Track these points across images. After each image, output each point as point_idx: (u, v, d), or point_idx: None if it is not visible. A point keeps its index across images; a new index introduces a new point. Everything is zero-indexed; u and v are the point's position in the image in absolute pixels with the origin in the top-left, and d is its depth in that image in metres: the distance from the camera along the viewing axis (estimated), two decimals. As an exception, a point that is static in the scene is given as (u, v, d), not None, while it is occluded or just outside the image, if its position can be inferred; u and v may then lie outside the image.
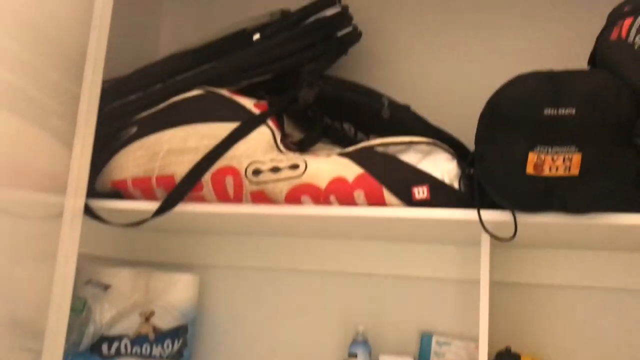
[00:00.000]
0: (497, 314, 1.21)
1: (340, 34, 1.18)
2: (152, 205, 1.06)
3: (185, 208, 1.07)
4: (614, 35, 0.90)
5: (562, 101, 0.86)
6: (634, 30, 0.88)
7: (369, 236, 1.21)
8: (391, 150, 1.03)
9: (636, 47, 0.87)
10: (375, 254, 1.27)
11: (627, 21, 0.89)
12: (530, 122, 0.88)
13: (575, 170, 0.86)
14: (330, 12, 1.17)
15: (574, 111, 0.86)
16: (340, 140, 1.15)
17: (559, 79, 0.88)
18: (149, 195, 1.10)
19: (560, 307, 1.19)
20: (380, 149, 1.03)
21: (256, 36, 1.19)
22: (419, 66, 1.28)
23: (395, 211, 0.99)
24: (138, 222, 1.07)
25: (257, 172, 1.04)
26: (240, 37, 1.21)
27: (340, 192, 1.00)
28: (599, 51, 0.93)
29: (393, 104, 1.08)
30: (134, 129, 1.14)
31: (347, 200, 1.00)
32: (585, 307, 1.17)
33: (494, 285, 1.11)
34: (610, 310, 1.16)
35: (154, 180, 1.09)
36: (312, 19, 1.18)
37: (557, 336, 1.18)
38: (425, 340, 1.24)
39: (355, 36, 1.20)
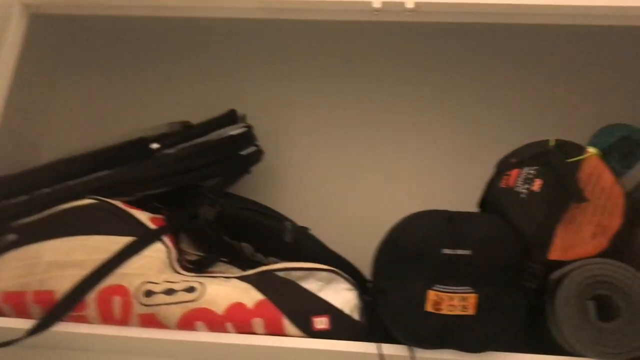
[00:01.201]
0: None
1: (244, 152, 1.18)
2: (26, 323, 0.96)
3: (64, 328, 0.97)
4: (503, 184, 0.97)
5: (460, 242, 0.91)
6: (520, 181, 0.96)
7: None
8: (292, 275, 1.01)
9: (522, 196, 0.95)
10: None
11: (515, 172, 0.97)
12: (429, 261, 0.91)
13: (471, 310, 0.90)
14: (235, 131, 1.18)
15: (470, 253, 0.91)
16: (237, 260, 1.12)
17: (457, 221, 0.94)
18: (21, 312, 0.99)
19: None
20: (281, 274, 1.01)
21: (154, 145, 1.16)
22: (319, 187, 1.31)
23: (295, 342, 0.96)
24: (8, 342, 0.95)
25: (149, 293, 0.98)
26: (138, 146, 1.17)
27: (238, 319, 0.97)
28: (489, 196, 1.00)
29: (296, 228, 1.08)
30: (12, 236, 1.04)
31: (244, 327, 0.97)
32: None
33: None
34: None
35: (29, 296, 0.99)
36: (215, 135, 1.17)
37: None
38: None
39: (259, 155, 1.21)
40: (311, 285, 1.00)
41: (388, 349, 0.94)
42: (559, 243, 0.92)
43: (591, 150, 0.97)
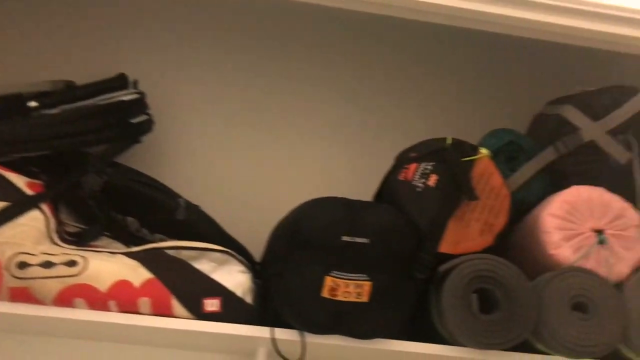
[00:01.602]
0: None
1: (135, 120, 1.11)
2: None
3: None
4: (401, 176, 1.00)
5: (359, 231, 0.92)
6: (417, 175, 0.99)
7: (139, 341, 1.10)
8: (184, 255, 0.97)
9: (418, 190, 0.98)
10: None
11: (413, 166, 1.00)
12: (328, 247, 0.92)
13: (365, 297, 0.91)
14: (127, 97, 1.10)
15: (367, 241, 0.92)
16: (120, 235, 1.05)
17: (356, 209, 0.95)
18: None
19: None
20: (171, 253, 0.97)
21: (32, 103, 1.06)
22: (212, 165, 1.26)
23: (183, 323, 0.93)
24: None
25: (23, 265, 0.89)
26: (13, 102, 1.06)
27: (123, 298, 0.91)
28: (387, 187, 1.02)
29: (189, 205, 1.03)
30: None
31: (129, 307, 0.92)
32: None
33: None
34: None
35: None
36: (104, 99, 1.09)
37: None
38: None
39: (150, 125, 1.14)
40: (203, 265, 0.97)
41: (280, 333, 0.93)
42: (449, 237, 0.97)
43: (484, 151, 1.02)
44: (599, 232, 1.00)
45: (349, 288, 0.91)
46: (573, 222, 1.00)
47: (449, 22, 1.06)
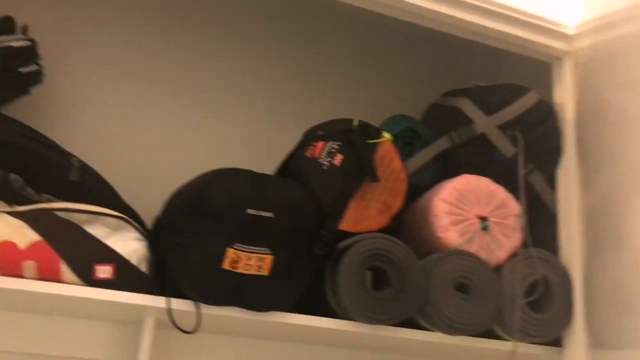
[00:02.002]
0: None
1: (24, 69, 1.02)
2: None
3: None
4: (308, 153, 1.01)
5: (264, 204, 0.92)
6: (324, 153, 1.01)
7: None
8: (75, 218, 0.92)
9: (324, 168, 1.00)
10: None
11: (320, 144, 1.02)
12: (233, 219, 0.91)
13: (266, 271, 0.91)
14: (16, 42, 1.01)
15: (272, 215, 0.92)
16: (1, 193, 0.97)
17: (262, 183, 0.94)
18: None
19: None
20: (62, 215, 0.91)
21: None
22: (107, 127, 1.19)
23: (72, 289, 0.88)
24: None
25: None
26: None
27: (6, 260, 0.85)
28: (292, 163, 1.03)
29: (83, 166, 0.97)
30: None
31: (12, 270, 0.85)
32: None
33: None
34: None
35: None
36: (-12, 42, 0.99)
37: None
38: None
39: (40, 76, 1.06)
40: (96, 230, 0.92)
41: (175, 303, 0.91)
42: (350, 216, 0.99)
43: (387, 135, 1.06)
44: (483, 219, 1.07)
45: (250, 261, 0.91)
46: (461, 208, 1.06)
47: (353, 1, 1.08)
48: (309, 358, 1.26)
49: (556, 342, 1.08)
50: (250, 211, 0.91)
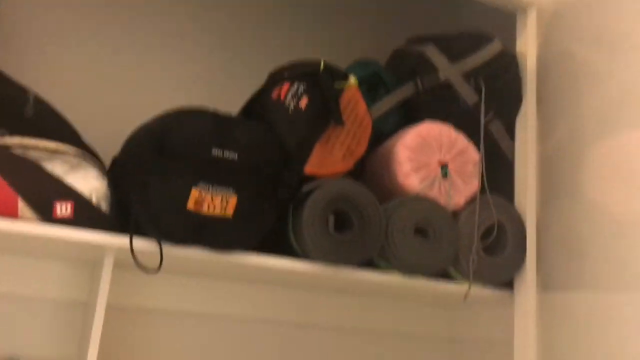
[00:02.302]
0: (106, 338, 1.16)
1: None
2: None
3: None
4: (274, 95, 1.00)
5: (228, 145, 0.91)
6: (290, 95, 1.00)
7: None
8: (32, 155, 0.89)
9: (290, 111, 0.99)
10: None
11: (286, 86, 1.00)
12: (197, 159, 0.90)
13: (230, 212, 0.91)
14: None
15: (236, 156, 0.92)
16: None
17: (227, 123, 0.93)
18: None
19: (173, 332, 1.22)
20: (18, 151, 0.88)
21: None
22: (65, 61, 1.14)
23: (29, 227, 0.86)
24: None
25: None
26: None
27: (-41, 196, 0.81)
28: (258, 104, 1.02)
29: (40, 101, 0.94)
30: None
31: (-33, 206, 0.82)
32: (203, 333, 1.23)
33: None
34: (224, 337, 1.25)
35: None
36: None
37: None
38: (8, 367, 1.09)
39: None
40: (56, 168, 0.90)
41: (137, 242, 0.90)
42: (314, 159, 0.99)
43: (352, 79, 1.05)
44: (444, 165, 1.09)
45: (214, 201, 0.90)
46: (423, 155, 1.08)
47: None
48: (270, 299, 1.28)
49: (509, 286, 1.13)
50: (215, 152, 0.91)
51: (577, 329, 1.05)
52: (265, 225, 0.97)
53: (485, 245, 1.10)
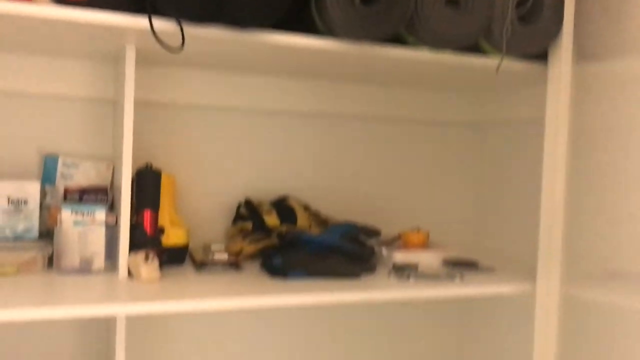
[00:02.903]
0: (138, 135, 1.19)
1: None
2: None
3: None
4: None
5: None
6: None
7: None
8: None
9: None
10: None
11: None
12: None
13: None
14: None
15: None
16: None
17: None
18: None
19: (201, 126, 1.24)
20: None
21: None
22: None
23: (45, 10, 0.83)
24: None
25: None
26: None
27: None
28: None
29: None
30: None
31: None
32: (226, 126, 1.25)
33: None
34: (248, 130, 1.27)
35: None
36: None
37: (196, 153, 1.24)
38: (49, 162, 1.13)
39: None
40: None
41: (157, 24, 0.87)
42: None
43: None
44: None
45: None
46: None
47: None
48: (296, 91, 1.28)
49: (542, 58, 1.08)
50: None
51: (615, 98, 1.02)
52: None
53: (520, 14, 1.03)
